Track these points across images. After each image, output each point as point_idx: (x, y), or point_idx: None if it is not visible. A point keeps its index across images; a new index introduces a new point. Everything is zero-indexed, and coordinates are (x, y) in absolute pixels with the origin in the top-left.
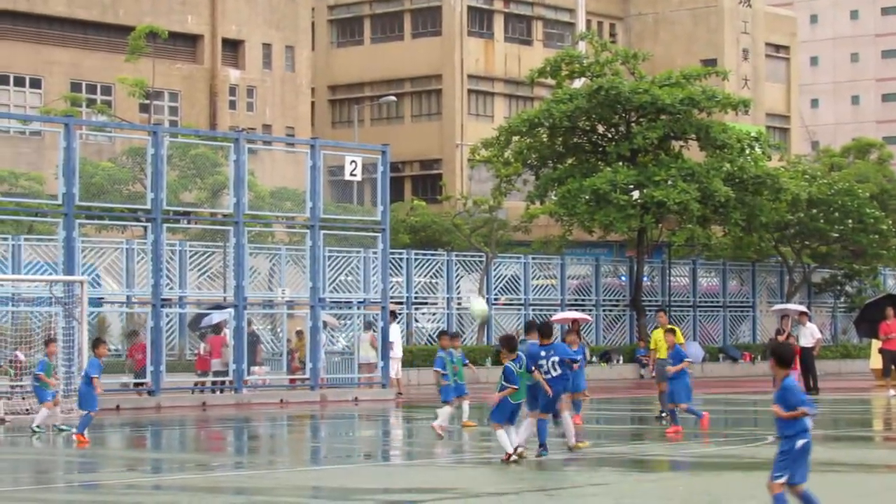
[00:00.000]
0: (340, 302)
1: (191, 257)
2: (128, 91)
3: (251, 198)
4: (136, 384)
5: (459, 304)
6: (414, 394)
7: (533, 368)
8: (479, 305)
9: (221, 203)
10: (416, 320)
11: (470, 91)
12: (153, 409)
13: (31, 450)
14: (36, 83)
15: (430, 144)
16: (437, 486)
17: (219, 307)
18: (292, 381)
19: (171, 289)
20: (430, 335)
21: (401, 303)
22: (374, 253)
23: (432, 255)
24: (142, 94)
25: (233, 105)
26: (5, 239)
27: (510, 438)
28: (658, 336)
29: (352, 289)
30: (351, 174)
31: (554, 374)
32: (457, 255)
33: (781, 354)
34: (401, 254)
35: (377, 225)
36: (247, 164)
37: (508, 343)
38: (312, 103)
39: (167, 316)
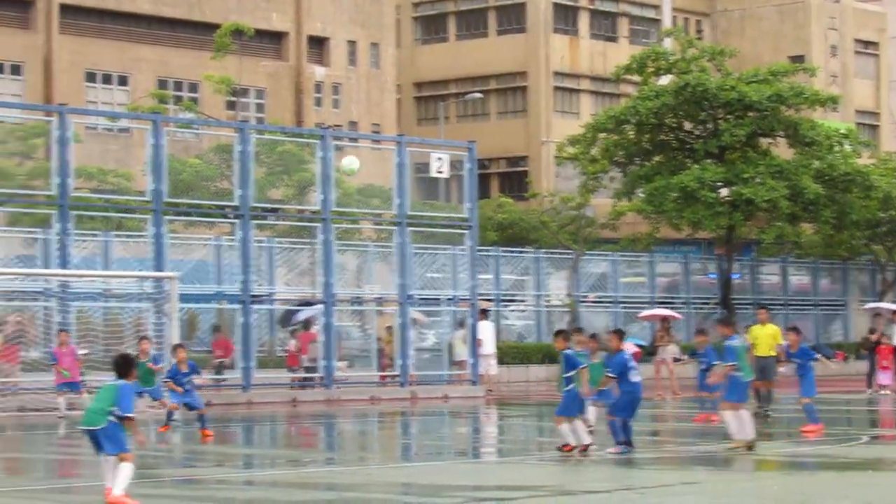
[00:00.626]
0: (429, 299)
1: (279, 254)
2: (214, 88)
3: (338, 195)
4: (216, 380)
5: (548, 301)
6: (504, 391)
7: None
8: (349, 163)
9: (309, 200)
10: (505, 318)
11: (556, 88)
12: (244, 405)
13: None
14: (124, 81)
15: (517, 141)
16: (528, 484)
17: (308, 304)
18: (382, 377)
19: (260, 286)
20: (518, 333)
21: (490, 300)
22: (462, 250)
23: (520, 252)
24: (228, 91)
25: (318, 102)
26: (95, 236)
27: (579, 433)
28: (757, 332)
29: (440, 286)
30: (437, 171)
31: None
32: (545, 253)
33: None
34: (488, 251)
35: (465, 222)
36: (333, 161)
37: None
38: (398, 100)
39: (256, 312)
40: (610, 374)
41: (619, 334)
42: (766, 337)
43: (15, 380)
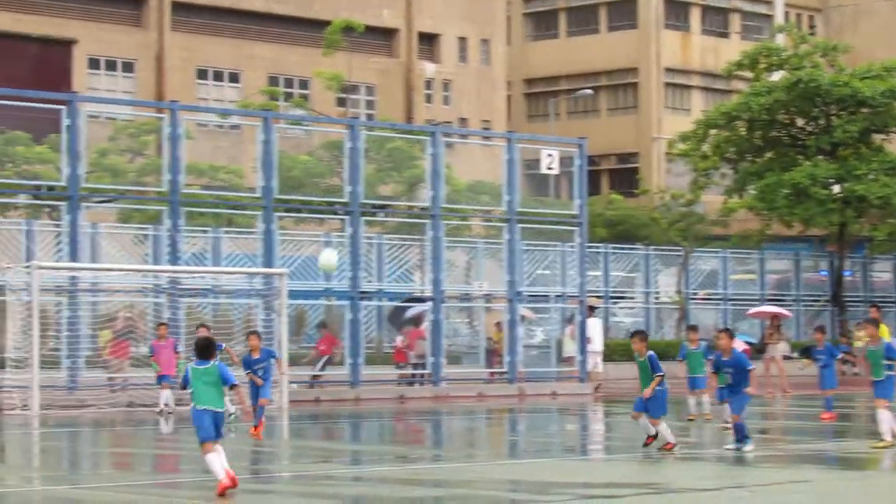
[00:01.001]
0: (538, 296)
1: (388, 250)
2: (325, 85)
3: (448, 191)
4: (314, 376)
5: (657, 298)
6: (613, 388)
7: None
8: (328, 259)
9: (418, 196)
10: (614, 315)
11: (666, 84)
12: (352, 401)
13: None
14: (235, 78)
15: (627, 138)
16: (637, 482)
17: (417, 300)
18: (491, 374)
19: (368, 282)
20: (627, 330)
21: (599, 297)
22: (571, 247)
23: (630, 249)
24: (338, 87)
25: (429, 99)
26: (205, 232)
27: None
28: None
29: (549, 283)
30: (548, 168)
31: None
32: (654, 250)
33: None
34: (598, 248)
35: (574, 219)
36: (443, 158)
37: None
38: (508, 97)
39: (365, 309)
40: (727, 372)
41: (729, 333)
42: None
43: (124, 375)
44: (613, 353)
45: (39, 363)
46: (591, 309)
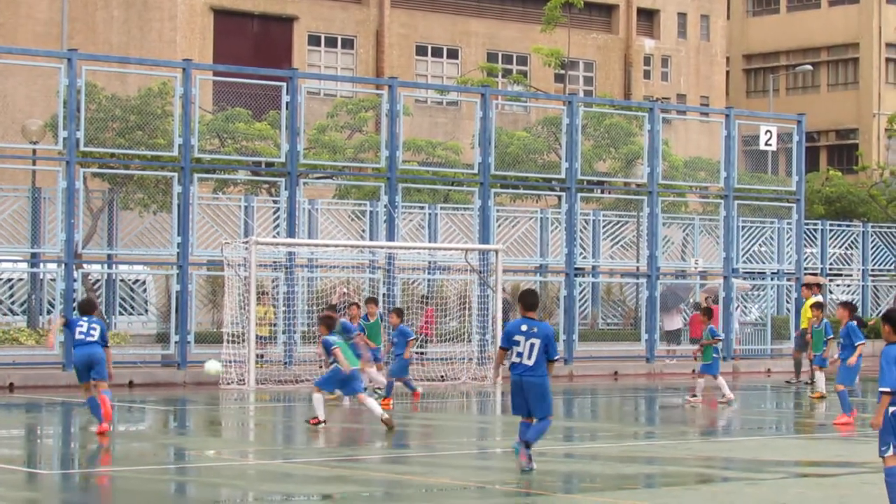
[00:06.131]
0: (754, 272)
1: (604, 227)
2: (543, 61)
3: (665, 167)
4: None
5: (874, 276)
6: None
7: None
8: (213, 367)
9: (635, 173)
10: (831, 292)
11: (888, 59)
12: (565, 377)
13: (444, 414)
14: (453, 54)
15: (847, 114)
16: (851, 460)
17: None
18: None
19: (584, 258)
20: None
21: (815, 274)
22: (788, 223)
23: (847, 226)
24: (557, 63)
25: (647, 75)
26: (422, 208)
27: None
28: None
29: (765, 259)
30: (766, 144)
31: None
32: (873, 227)
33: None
34: (815, 224)
35: (792, 195)
36: (661, 134)
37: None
38: (727, 73)
39: (580, 285)
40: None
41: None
42: None
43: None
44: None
45: (264, 338)
46: (817, 287)
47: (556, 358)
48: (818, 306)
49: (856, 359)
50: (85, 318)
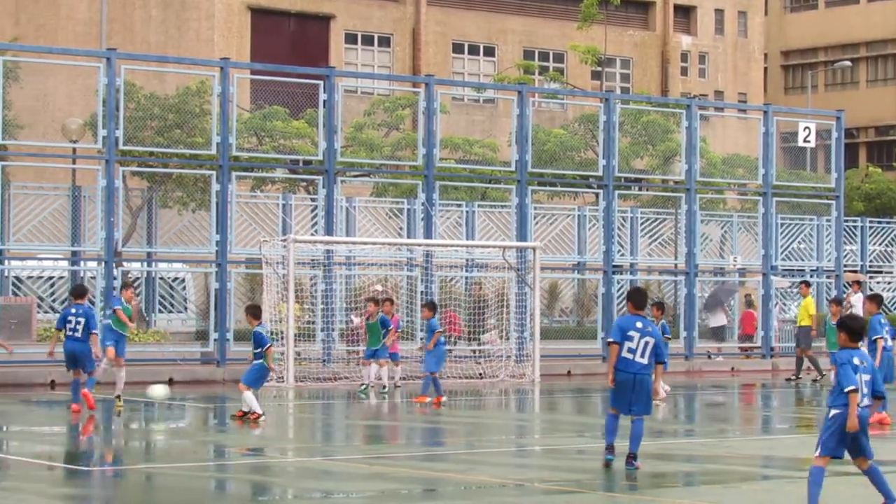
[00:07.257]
0: (793, 270)
1: (642, 224)
2: (580, 58)
3: (703, 164)
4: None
5: None
6: None
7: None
8: (158, 392)
9: (673, 170)
10: (870, 289)
11: None
12: (602, 374)
13: (471, 412)
14: (490, 51)
15: (886, 110)
16: (889, 458)
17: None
18: (742, 349)
19: (622, 255)
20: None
21: (854, 271)
22: (828, 220)
23: (887, 223)
24: (594, 61)
25: (684, 71)
26: (459, 205)
27: None
28: None
29: (804, 257)
30: (804, 140)
31: None
32: None
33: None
34: (854, 221)
35: (831, 192)
36: (699, 131)
37: None
38: (765, 69)
39: (618, 282)
40: None
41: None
42: None
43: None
44: None
45: (294, 335)
46: (857, 284)
47: (665, 360)
48: (837, 302)
49: (880, 356)
50: (73, 310)
